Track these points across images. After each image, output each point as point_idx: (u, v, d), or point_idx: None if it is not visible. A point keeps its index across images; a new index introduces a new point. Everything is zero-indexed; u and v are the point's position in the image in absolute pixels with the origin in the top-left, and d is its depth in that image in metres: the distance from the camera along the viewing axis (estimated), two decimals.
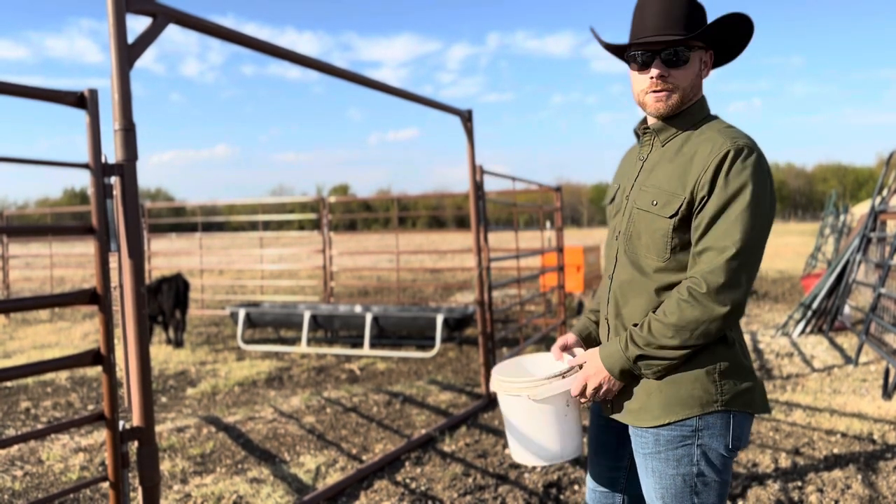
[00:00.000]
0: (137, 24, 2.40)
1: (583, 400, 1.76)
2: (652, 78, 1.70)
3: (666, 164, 1.71)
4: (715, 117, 1.77)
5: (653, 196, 1.70)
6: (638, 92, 1.75)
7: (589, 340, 2.02)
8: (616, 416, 1.79)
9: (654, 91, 1.71)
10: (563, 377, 1.78)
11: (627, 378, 1.70)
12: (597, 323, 2.01)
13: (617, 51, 1.83)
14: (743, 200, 1.57)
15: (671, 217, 1.65)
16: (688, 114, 1.74)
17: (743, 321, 9.34)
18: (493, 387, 1.88)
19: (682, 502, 1.70)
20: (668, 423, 1.67)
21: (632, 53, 1.73)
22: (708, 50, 1.75)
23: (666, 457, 1.69)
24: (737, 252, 1.55)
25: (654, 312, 1.65)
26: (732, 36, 1.74)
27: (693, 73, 1.72)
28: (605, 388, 1.72)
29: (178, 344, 8.42)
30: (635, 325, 1.69)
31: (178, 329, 8.54)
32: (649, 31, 1.69)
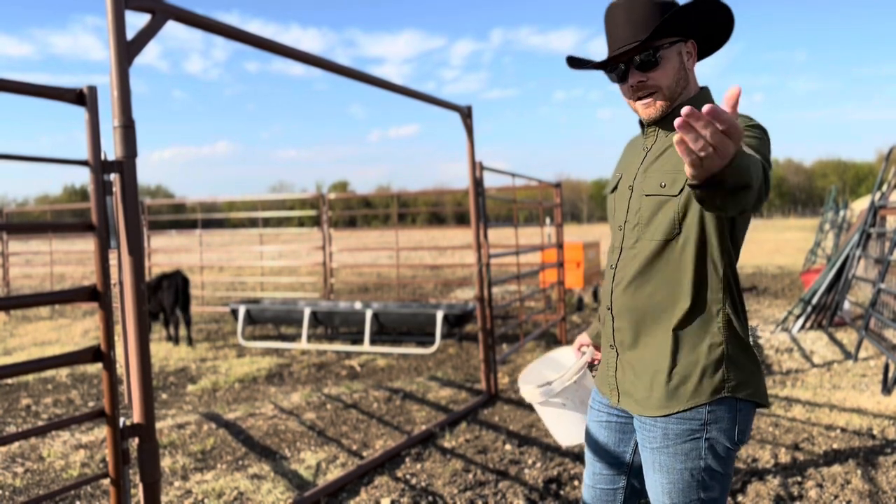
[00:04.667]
0: (139, 21, 2.39)
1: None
2: (632, 86, 1.70)
3: (673, 150, 1.67)
4: None
5: (661, 178, 1.68)
6: (628, 102, 1.77)
7: (599, 341, 2.10)
8: (625, 406, 1.78)
9: (640, 98, 1.71)
10: (551, 385, 2.00)
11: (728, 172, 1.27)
12: None
13: (602, 67, 1.80)
14: (760, 140, 1.54)
15: (679, 193, 1.63)
16: (688, 104, 1.70)
17: None
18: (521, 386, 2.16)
19: (689, 497, 1.69)
20: (676, 413, 1.66)
21: (609, 69, 1.74)
22: (687, 41, 1.70)
23: (674, 451, 1.68)
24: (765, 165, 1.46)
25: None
26: (710, 23, 1.70)
27: (673, 69, 1.69)
28: (713, 138, 1.27)
29: (189, 341, 8.39)
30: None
31: (180, 326, 8.54)
32: (619, 43, 1.68)
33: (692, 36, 1.71)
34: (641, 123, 1.84)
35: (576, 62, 1.81)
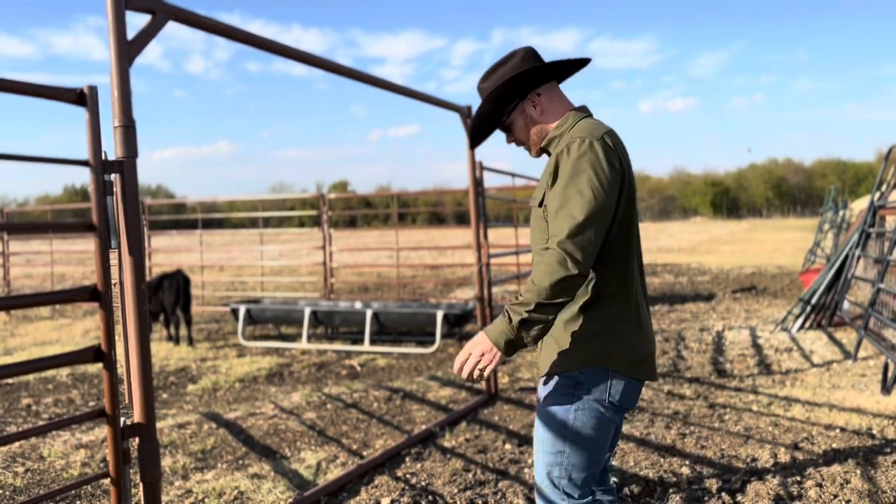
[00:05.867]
0: (140, 22, 2.39)
1: (464, 376, 1.90)
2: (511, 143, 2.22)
3: (544, 172, 2.06)
4: (582, 119, 2.04)
5: (535, 194, 2.08)
6: None
7: None
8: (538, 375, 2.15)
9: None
10: None
11: (511, 350, 1.86)
12: None
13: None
14: (572, 181, 1.86)
15: (540, 206, 2.01)
16: (554, 133, 2.08)
17: (742, 316, 9.36)
18: None
19: (556, 448, 2.00)
20: (553, 374, 2.01)
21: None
22: (525, 97, 2.08)
23: (549, 404, 2.02)
24: (575, 224, 1.81)
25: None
26: (528, 80, 2.06)
27: (523, 126, 2.12)
28: (484, 360, 1.88)
29: (189, 341, 8.40)
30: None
31: (181, 325, 8.54)
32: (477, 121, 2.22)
33: (527, 92, 2.08)
34: None
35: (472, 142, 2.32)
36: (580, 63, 2.15)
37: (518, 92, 2.08)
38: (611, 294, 1.97)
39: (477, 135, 2.24)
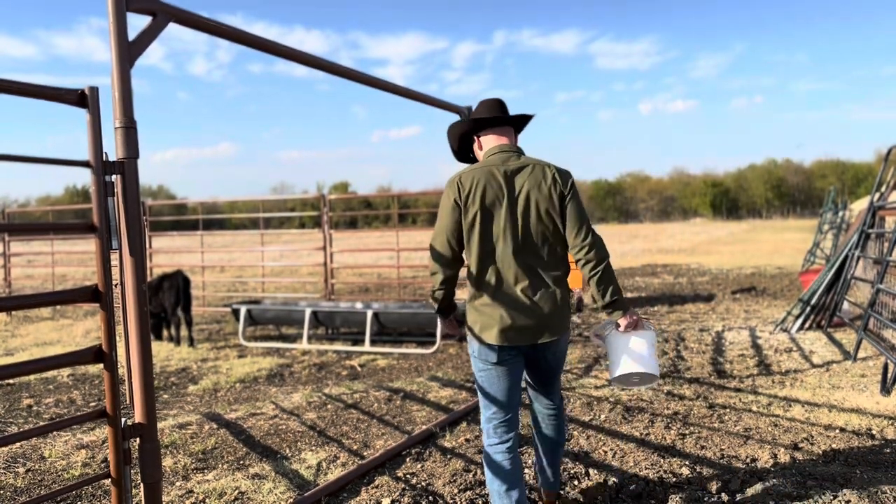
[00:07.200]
0: (142, 23, 2.40)
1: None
2: None
3: None
4: (488, 157, 2.91)
5: None
6: None
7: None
8: None
9: None
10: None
11: (441, 314, 2.97)
12: None
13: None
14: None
15: None
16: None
17: (741, 316, 9.36)
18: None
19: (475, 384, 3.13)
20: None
21: None
22: (473, 139, 3.06)
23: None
24: (431, 243, 2.87)
25: None
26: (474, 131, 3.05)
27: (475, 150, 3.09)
28: (443, 328, 3.09)
29: (190, 341, 8.40)
30: None
31: (183, 326, 8.55)
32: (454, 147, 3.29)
33: (472, 136, 3.05)
34: None
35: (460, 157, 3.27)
36: (521, 119, 3.00)
37: (468, 135, 3.06)
38: (475, 283, 2.80)
39: (460, 155, 3.21)
